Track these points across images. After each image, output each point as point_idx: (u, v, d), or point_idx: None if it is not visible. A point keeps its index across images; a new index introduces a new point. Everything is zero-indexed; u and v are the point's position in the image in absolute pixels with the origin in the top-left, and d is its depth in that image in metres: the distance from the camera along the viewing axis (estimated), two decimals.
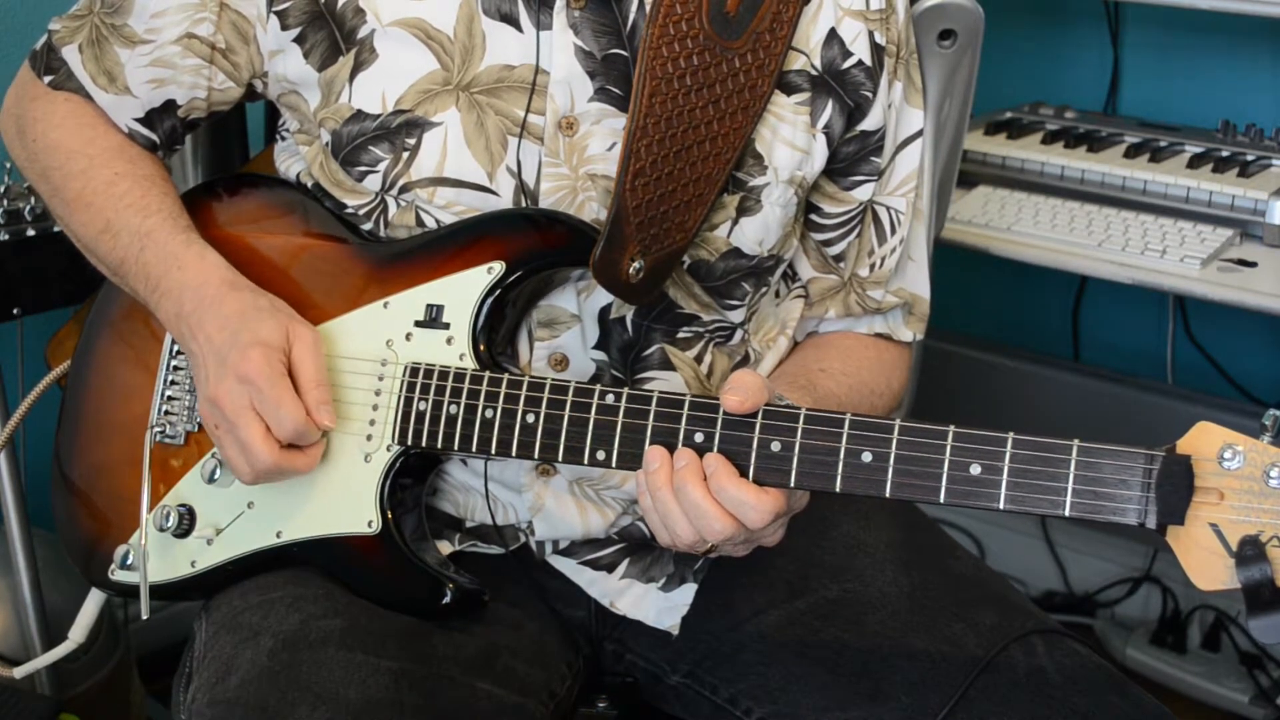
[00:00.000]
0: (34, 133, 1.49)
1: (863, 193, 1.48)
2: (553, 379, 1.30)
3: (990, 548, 2.89)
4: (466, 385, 1.32)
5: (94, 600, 1.61)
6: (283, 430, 1.29)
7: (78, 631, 1.64)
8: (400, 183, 1.37)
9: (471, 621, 1.40)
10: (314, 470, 1.36)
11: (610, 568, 1.47)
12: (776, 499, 1.21)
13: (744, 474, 1.22)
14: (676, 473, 1.22)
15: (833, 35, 1.41)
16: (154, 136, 1.49)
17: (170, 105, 1.47)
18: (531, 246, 1.34)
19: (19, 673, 1.77)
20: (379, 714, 1.24)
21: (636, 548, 1.48)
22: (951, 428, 1.17)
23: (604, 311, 1.39)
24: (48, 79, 1.49)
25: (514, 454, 1.30)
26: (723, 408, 1.22)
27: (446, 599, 1.36)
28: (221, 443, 1.34)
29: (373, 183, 1.39)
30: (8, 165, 1.81)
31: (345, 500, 1.36)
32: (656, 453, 1.24)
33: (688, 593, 1.47)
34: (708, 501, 1.21)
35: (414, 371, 1.35)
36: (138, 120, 1.48)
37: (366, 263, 1.41)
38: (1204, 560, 1.09)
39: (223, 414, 1.31)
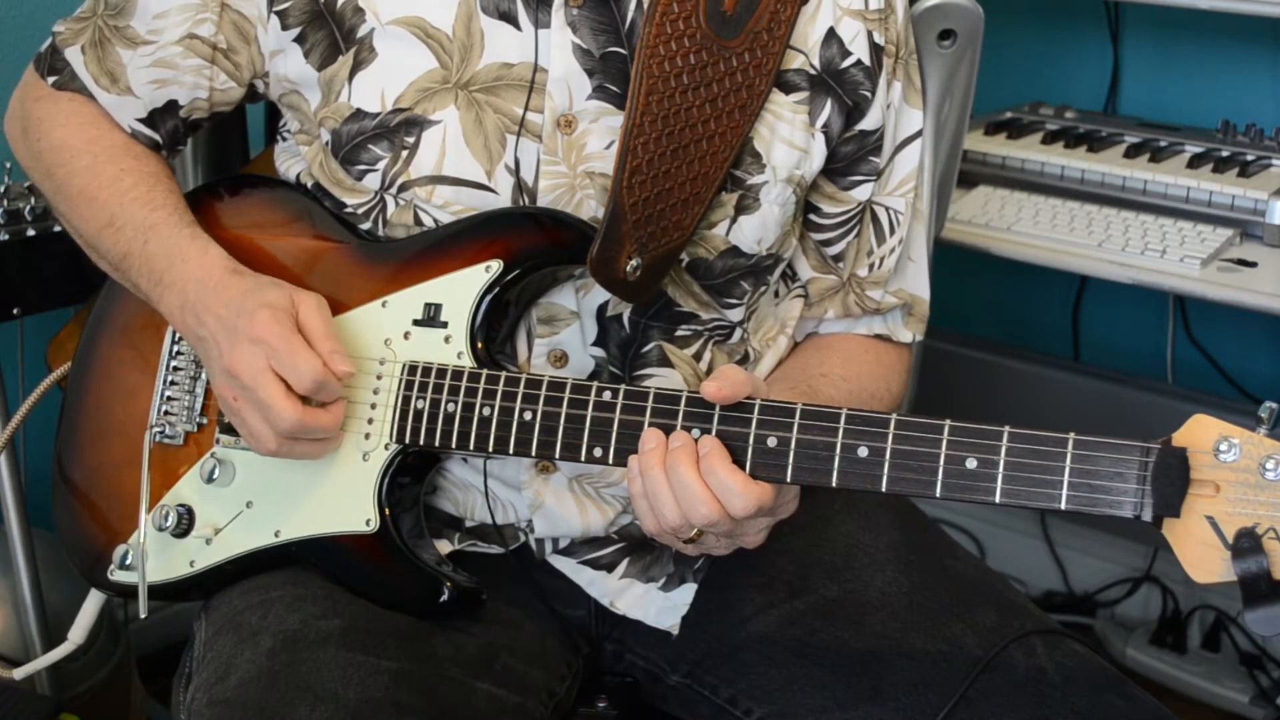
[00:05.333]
0: (38, 132, 1.50)
1: (861, 193, 1.48)
2: (550, 376, 1.30)
3: (990, 548, 2.88)
4: (464, 383, 1.32)
5: (94, 601, 1.61)
6: (302, 382, 1.29)
7: (77, 632, 1.64)
8: (399, 181, 1.38)
9: (471, 621, 1.40)
10: (312, 469, 1.37)
11: (610, 567, 1.47)
12: (763, 491, 1.21)
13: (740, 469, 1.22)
14: (671, 452, 1.22)
15: (831, 35, 1.41)
16: (156, 136, 1.50)
17: (172, 105, 1.48)
18: (529, 245, 1.34)
19: (19, 674, 1.77)
20: (378, 714, 1.24)
21: (636, 547, 1.48)
22: (947, 422, 1.17)
23: (601, 309, 1.39)
24: (51, 80, 1.49)
25: (511, 451, 1.30)
26: (702, 394, 1.23)
27: (444, 598, 1.36)
28: (241, 413, 1.33)
29: (372, 181, 1.39)
30: (8, 165, 1.81)
31: (343, 499, 1.36)
32: (652, 434, 1.24)
33: (687, 592, 1.48)
34: (698, 484, 1.21)
35: (412, 370, 1.35)
36: (140, 120, 1.48)
37: (365, 262, 1.41)
38: (1200, 553, 1.09)
39: (240, 381, 1.31)
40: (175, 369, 1.49)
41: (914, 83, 1.49)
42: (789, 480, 1.22)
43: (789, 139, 1.40)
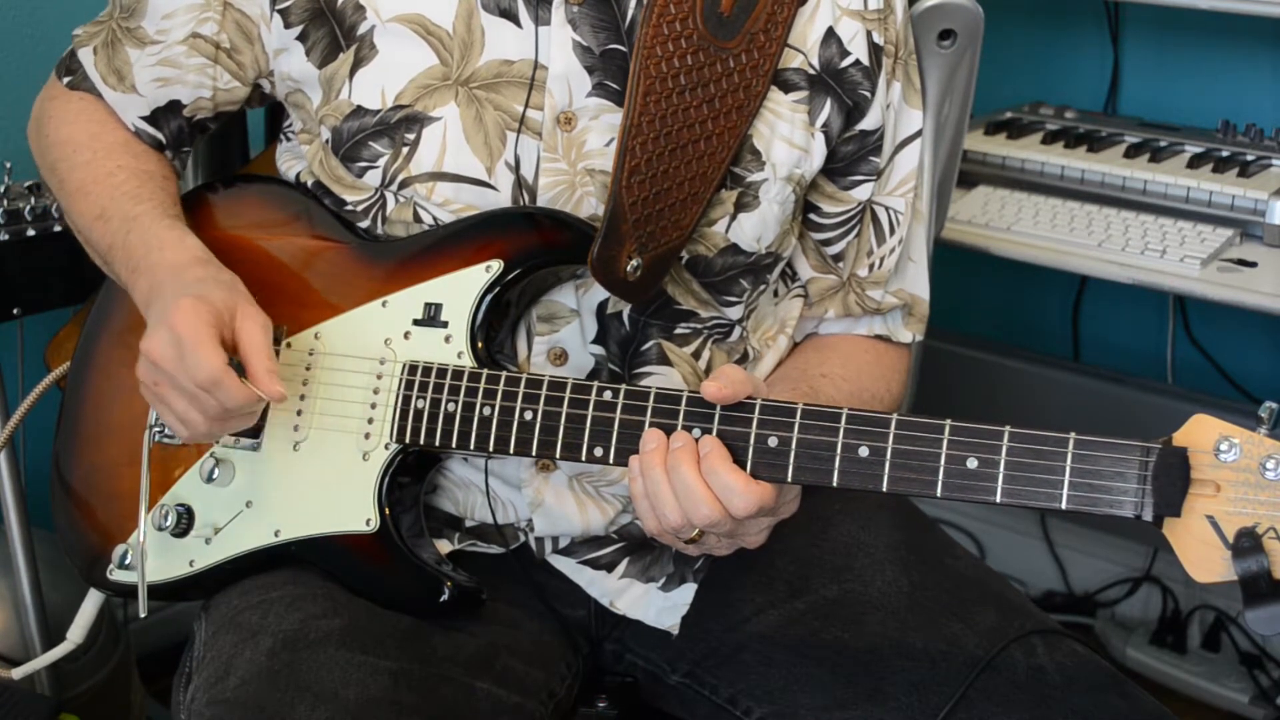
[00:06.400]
0: (48, 129, 1.52)
1: (861, 193, 1.48)
2: (550, 376, 1.30)
3: (990, 548, 2.89)
4: (464, 383, 1.33)
5: (93, 600, 1.61)
6: (197, 376, 1.25)
7: (76, 632, 1.64)
8: (400, 178, 1.38)
9: (471, 621, 1.40)
10: (313, 469, 1.37)
11: (610, 567, 1.47)
12: (764, 491, 1.21)
13: (741, 469, 1.22)
14: (672, 453, 1.22)
15: (830, 34, 1.41)
16: (160, 136, 1.50)
17: (175, 105, 1.48)
18: (530, 245, 1.34)
19: (18, 673, 1.77)
20: (378, 714, 1.24)
21: (636, 547, 1.48)
22: (948, 421, 1.17)
23: (601, 307, 1.40)
24: (66, 80, 1.52)
25: (512, 451, 1.30)
26: (702, 394, 1.23)
27: (444, 597, 1.36)
28: (160, 398, 1.31)
29: (373, 178, 1.40)
30: (8, 165, 1.82)
31: (343, 498, 1.36)
32: (654, 434, 1.24)
33: (687, 592, 1.48)
34: (699, 484, 1.21)
35: (412, 369, 1.35)
36: (143, 119, 1.49)
37: (365, 262, 1.41)
38: (1201, 553, 1.09)
39: (158, 368, 1.29)
40: None
41: (913, 83, 1.49)
42: (790, 480, 1.22)
43: (789, 138, 1.40)
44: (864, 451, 1.19)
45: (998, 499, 1.14)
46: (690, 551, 1.32)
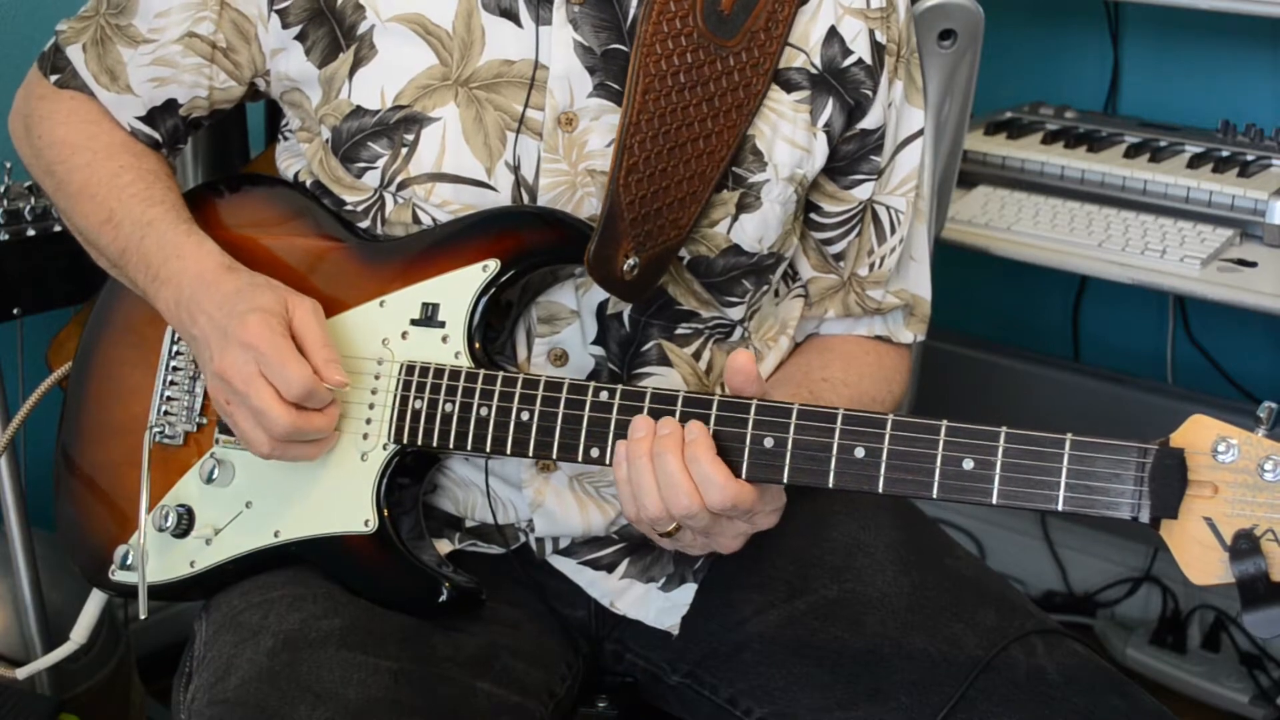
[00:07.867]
0: (39, 130, 1.50)
1: (862, 192, 1.48)
2: (547, 376, 1.30)
3: (990, 548, 2.89)
4: (462, 383, 1.33)
5: (95, 601, 1.61)
6: (291, 390, 1.28)
7: (79, 632, 1.64)
8: (399, 179, 1.38)
9: (471, 621, 1.40)
10: (311, 469, 1.37)
11: (610, 567, 1.47)
12: (741, 488, 1.21)
13: (737, 471, 1.22)
14: (658, 440, 1.22)
15: (833, 33, 1.41)
16: (156, 135, 1.50)
17: (171, 104, 1.48)
18: (527, 244, 1.34)
19: (22, 674, 1.78)
20: (378, 714, 1.24)
21: (637, 547, 1.48)
22: (944, 422, 1.16)
23: (601, 307, 1.40)
24: (54, 78, 1.50)
25: (509, 452, 1.30)
26: (731, 361, 1.23)
27: (443, 598, 1.36)
28: (234, 417, 1.33)
29: (372, 179, 1.40)
30: (8, 165, 1.82)
31: (342, 499, 1.36)
32: (643, 422, 1.24)
33: (688, 592, 1.48)
34: (681, 474, 1.21)
35: (410, 370, 1.35)
36: (139, 119, 1.49)
37: (363, 262, 1.41)
38: (1198, 554, 1.09)
39: (231, 386, 1.31)
40: (175, 369, 1.49)
41: (915, 82, 1.49)
42: (786, 481, 1.22)
43: (791, 138, 1.40)
44: (860, 452, 1.19)
45: (994, 500, 1.14)
46: (665, 545, 1.32)
